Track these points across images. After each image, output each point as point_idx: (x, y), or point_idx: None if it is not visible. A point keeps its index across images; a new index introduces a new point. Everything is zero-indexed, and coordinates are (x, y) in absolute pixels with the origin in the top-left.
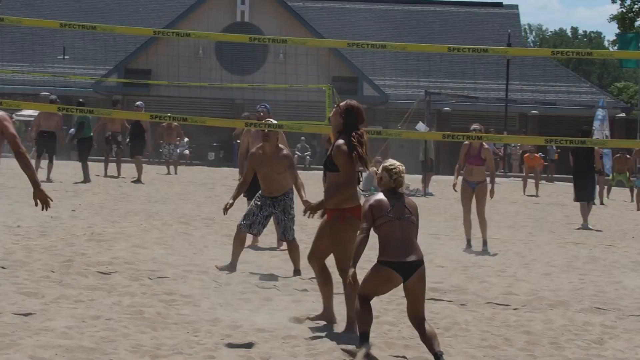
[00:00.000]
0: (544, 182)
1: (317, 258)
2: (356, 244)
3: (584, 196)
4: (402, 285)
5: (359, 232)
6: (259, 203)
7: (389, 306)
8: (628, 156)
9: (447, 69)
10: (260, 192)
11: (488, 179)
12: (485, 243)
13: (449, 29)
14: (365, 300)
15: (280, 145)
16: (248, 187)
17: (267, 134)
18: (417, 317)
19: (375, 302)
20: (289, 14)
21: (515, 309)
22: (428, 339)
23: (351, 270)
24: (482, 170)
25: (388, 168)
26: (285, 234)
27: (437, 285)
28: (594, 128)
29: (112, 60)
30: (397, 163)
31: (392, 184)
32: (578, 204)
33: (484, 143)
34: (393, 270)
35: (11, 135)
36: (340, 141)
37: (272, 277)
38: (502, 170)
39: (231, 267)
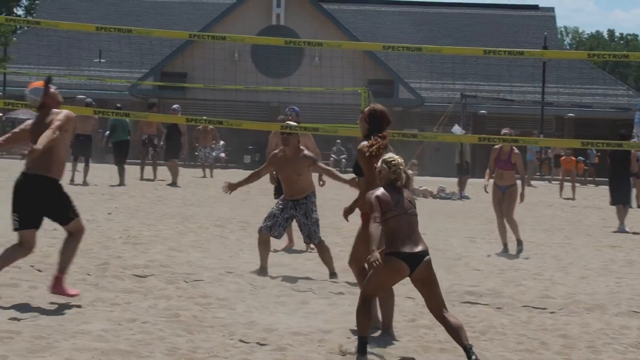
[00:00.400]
0: (578, 184)
1: (355, 261)
2: (373, 228)
3: (620, 199)
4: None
5: (371, 220)
6: (280, 205)
7: (424, 309)
8: None
9: (483, 71)
10: (282, 195)
11: (519, 182)
12: (519, 242)
13: (485, 31)
14: (367, 303)
15: (301, 147)
16: (279, 188)
17: (287, 138)
18: (437, 309)
19: (411, 306)
20: (324, 17)
21: (551, 313)
22: (455, 331)
23: (374, 254)
24: (512, 174)
25: (387, 161)
26: (311, 238)
27: (473, 288)
28: (634, 132)
29: (148, 63)
30: (396, 156)
31: (391, 176)
32: (614, 207)
33: (514, 148)
34: (402, 260)
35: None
36: (362, 144)
37: (308, 280)
38: (539, 174)
39: (262, 271)
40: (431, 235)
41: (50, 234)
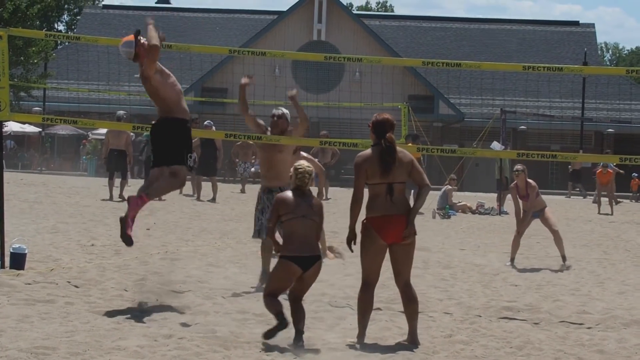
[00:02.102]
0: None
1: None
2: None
3: None
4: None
5: (267, 223)
6: (259, 207)
7: (462, 325)
8: None
9: (523, 87)
10: (258, 192)
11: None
12: (564, 259)
13: (526, 47)
14: (269, 299)
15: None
16: None
17: (276, 121)
18: (300, 297)
19: (448, 322)
20: (365, 33)
21: (588, 328)
22: (296, 316)
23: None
24: (540, 200)
25: (295, 167)
26: (260, 233)
27: (511, 304)
28: None
29: (188, 78)
30: (305, 164)
31: (297, 182)
32: None
33: (529, 181)
34: (294, 263)
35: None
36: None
37: (346, 296)
38: (577, 189)
39: (264, 275)
40: (470, 250)
41: (87, 250)
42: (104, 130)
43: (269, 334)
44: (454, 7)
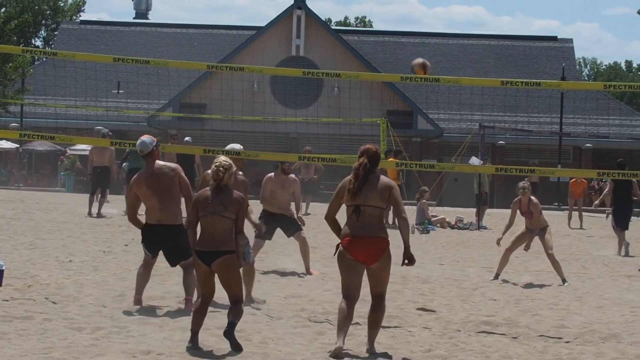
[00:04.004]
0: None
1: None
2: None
3: (625, 223)
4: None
5: (187, 216)
6: None
7: (440, 340)
8: None
9: (501, 102)
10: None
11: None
12: (564, 281)
13: (504, 62)
14: (205, 302)
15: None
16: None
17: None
18: (232, 298)
19: (427, 337)
20: (344, 48)
21: (567, 342)
22: (230, 312)
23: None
24: (541, 218)
25: (214, 163)
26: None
27: (490, 318)
28: None
29: (166, 94)
30: (222, 159)
31: (213, 177)
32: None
33: (531, 198)
34: (198, 258)
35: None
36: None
37: (325, 311)
38: (556, 204)
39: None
40: (448, 265)
41: (65, 266)
42: (82, 146)
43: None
44: (433, 23)
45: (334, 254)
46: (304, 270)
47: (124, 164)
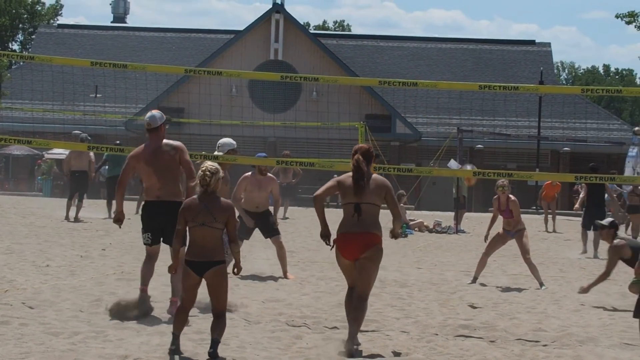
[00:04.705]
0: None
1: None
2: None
3: (589, 224)
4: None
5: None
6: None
7: (418, 344)
8: None
9: (479, 106)
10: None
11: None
12: (541, 285)
13: (482, 66)
14: (183, 310)
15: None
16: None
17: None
18: (216, 309)
19: (405, 340)
20: (323, 52)
21: (544, 346)
22: (214, 328)
23: (173, 263)
24: (517, 219)
25: (200, 168)
26: None
27: (467, 322)
28: (627, 165)
29: (144, 98)
30: (209, 163)
31: (200, 183)
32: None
33: (510, 196)
34: (189, 268)
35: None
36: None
37: (302, 315)
38: (534, 208)
39: None
40: (426, 269)
41: (42, 271)
42: (59, 151)
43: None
44: (411, 27)
45: (331, 249)
46: (281, 275)
47: (103, 168)
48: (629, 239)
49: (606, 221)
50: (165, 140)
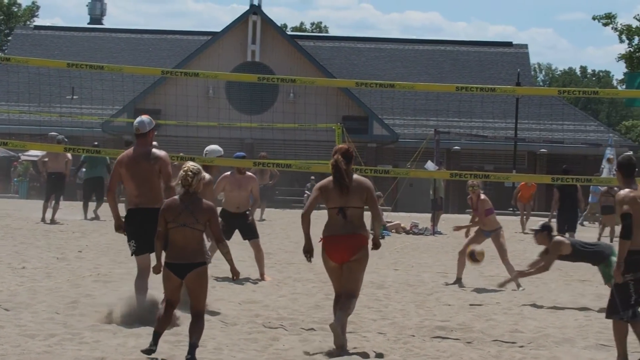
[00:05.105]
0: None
1: None
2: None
3: (563, 227)
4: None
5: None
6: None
7: (395, 345)
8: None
9: (456, 108)
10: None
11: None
12: (518, 286)
13: (459, 68)
14: (170, 307)
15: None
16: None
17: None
18: (195, 309)
19: (382, 342)
20: (300, 54)
21: (521, 347)
22: (192, 331)
23: (156, 265)
24: (492, 219)
25: (182, 168)
26: None
27: (444, 323)
28: (602, 166)
29: (120, 99)
30: (190, 164)
31: (182, 183)
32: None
33: (480, 196)
34: (170, 271)
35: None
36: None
37: (279, 317)
38: (511, 209)
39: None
40: (403, 270)
41: (18, 273)
42: (35, 152)
43: (146, 351)
44: (389, 28)
45: (308, 252)
46: (258, 276)
47: (81, 169)
48: (566, 237)
49: (538, 225)
50: (153, 149)
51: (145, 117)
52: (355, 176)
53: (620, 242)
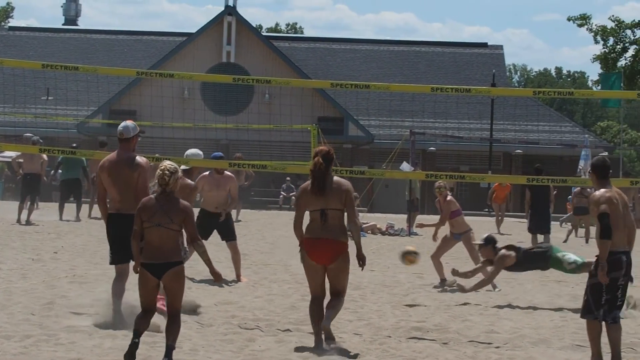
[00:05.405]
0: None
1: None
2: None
3: (538, 228)
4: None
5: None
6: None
7: (371, 346)
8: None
9: (432, 109)
10: None
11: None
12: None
13: (435, 69)
14: (149, 315)
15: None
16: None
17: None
18: (172, 309)
19: (358, 343)
20: (275, 55)
21: (497, 347)
22: (169, 332)
23: (134, 266)
24: (460, 220)
25: (159, 167)
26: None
27: (420, 324)
28: (580, 167)
29: (95, 100)
30: (167, 163)
31: (158, 182)
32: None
33: (447, 197)
34: (147, 271)
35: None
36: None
37: (255, 318)
38: (486, 210)
39: None
40: (379, 271)
41: None
42: (9, 153)
43: (126, 355)
44: (363, 29)
45: (299, 251)
46: (234, 277)
47: (57, 172)
48: (511, 246)
49: (482, 239)
50: (136, 156)
51: (129, 123)
52: (335, 178)
53: (601, 243)
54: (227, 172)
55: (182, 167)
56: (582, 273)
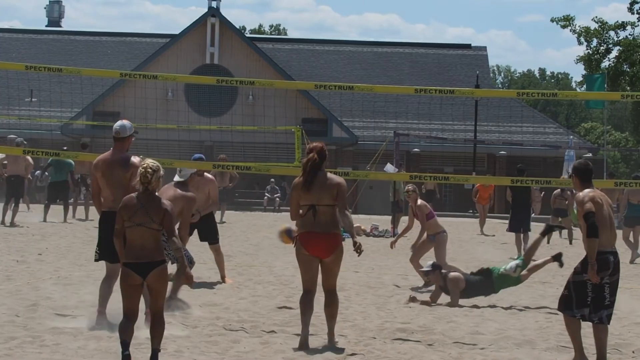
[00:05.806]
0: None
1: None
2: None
3: (519, 227)
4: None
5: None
6: None
7: (356, 347)
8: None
9: (415, 110)
10: None
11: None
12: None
13: (418, 70)
14: (132, 321)
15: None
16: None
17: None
18: (155, 308)
19: (343, 344)
20: (258, 56)
21: (482, 349)
22: (153, 334)
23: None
24: (433, 223)
25: (141, 165)
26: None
27: (405, 325)
28: (568, 170)
29: (79, 102)
30: (150, 161)
31: (141, 181)
32: (513, 235)
33: (417, 201)
34: (131, 270)
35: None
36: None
37: (240, 319)
38: (470, 211)
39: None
40: (364, 272)
41: None
42: None
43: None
44: (347, 30)
45: (294, 246)
46: (218, 279)
47: (45, 173)
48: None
49: (428, 265)
50: (131, 156)
51: (126, 122)
52: (328, 174)
53: (589, 242)
54: (207, 175)
55: (177, 178)
56: (532, 272)
